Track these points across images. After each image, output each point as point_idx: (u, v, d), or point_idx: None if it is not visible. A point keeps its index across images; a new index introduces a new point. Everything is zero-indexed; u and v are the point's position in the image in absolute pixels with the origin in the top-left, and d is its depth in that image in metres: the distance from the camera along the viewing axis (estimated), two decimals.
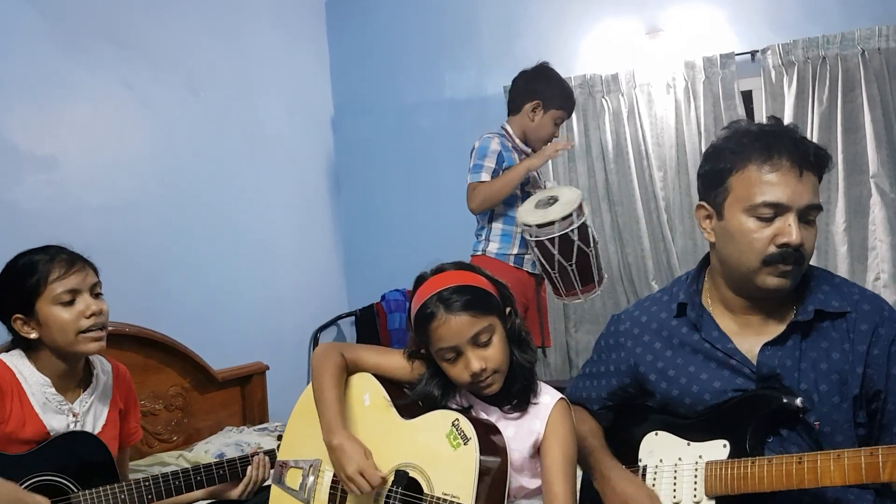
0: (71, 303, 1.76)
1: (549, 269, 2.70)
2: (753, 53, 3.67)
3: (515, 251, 2.81)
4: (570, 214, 2.60)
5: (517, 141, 2.88)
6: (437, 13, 4.28)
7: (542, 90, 2.86)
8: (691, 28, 3.77)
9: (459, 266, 1.57)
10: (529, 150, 2.88)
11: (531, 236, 2.67)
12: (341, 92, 4.52)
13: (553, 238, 2.61)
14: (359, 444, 1.51)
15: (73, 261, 1.79)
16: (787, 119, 3.49)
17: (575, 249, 2.63)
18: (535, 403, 1.53)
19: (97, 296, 1.82)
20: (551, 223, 2.60)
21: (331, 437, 1.52)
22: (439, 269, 1.55)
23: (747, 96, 3.77)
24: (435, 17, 4.29)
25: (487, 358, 1.47)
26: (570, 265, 2.64)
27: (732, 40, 3.73)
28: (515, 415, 1.52)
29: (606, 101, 3.87)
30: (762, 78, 3.66)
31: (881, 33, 3.43)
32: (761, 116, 3.64)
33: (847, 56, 3.49)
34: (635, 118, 3.82)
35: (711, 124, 3.66)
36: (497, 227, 2.84)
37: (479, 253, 2.85)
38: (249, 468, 1.91)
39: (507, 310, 1.54)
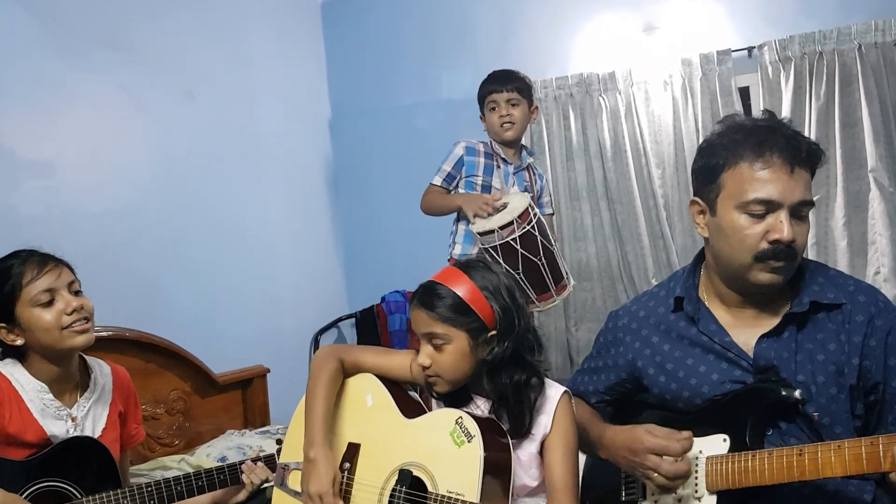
0: (50, 303, 1.74)
1: (515, 272, 2.60)
2: (750, 49, 3.67)
3: (476, 251, 2.76)
4: (511, 223, 2.56)
5: (495, 146, 2.88)
6: (433, 14, 4.29)
7: (478, 100, 2.92)
8: (687, 25, 3.77)
9: (479, 280, 1.51)
10: (502, 153, 2.88)
11: (481, 245, 2.66)
12: (338, 94, 4.53)
13: (495, 246, 2.58)
14: (331, 467, 1.51)
15: (45, 261, 1.78)
16: (785, 114, 3.49)
17: (520, 257, 2.58)
18: (532, 432, 1.51)
19: (76, 293, 1.81)
20: (491, 231, 2.58)
21: (308, 449, 1.53)
22: (464, 265, 1.54)
23: (744, 92, 3.77)
24: (430, 18, 4.30)
25: (435, 360, 1.49)
26: (539, 259, 2.61)
27: (729, 36, 3.73)
28: (514, 440, 1.50)
29: (604, 99, 3.87)
30: (759, 74, 3.66)
31: (877, 28, 3.43)
32: (758, 112, 3.64)
33: (844, 51, 3.49)
34: (633, 116, 3.82)
35: (709, 121, 3.66)
36: (461, 228, 2.84)
37: (449, 257, 2.85)
38: (242, 476, 1.88)
39: (490, 334, 1.49)
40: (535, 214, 2.60)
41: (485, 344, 1.50)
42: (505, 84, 2.84)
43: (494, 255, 2.61)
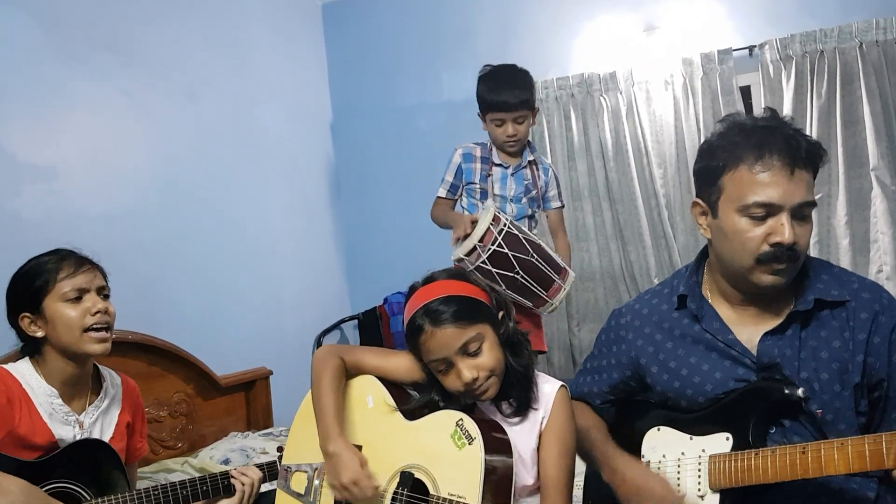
0: (78, 300, 1.79)
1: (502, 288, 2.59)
2: (751, 48, 3.67)
3: None
4: (474, 249, 2.54)
5: (494, 152, 2.85)
6: (434, 15, 4.29)
7: (478, 100, 2.83)
8: (688, 24, 3.77)
9: (450, 274, 1.57)
10: (498, 161, 2.84)
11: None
12: (340, 96, 4.53)
13: (472, 270, 2.54)
14: (354, 453, 1.51)
15: (82, 262, 1.84)
16: (787, 113, 3.48)
17: (496, 276, 2.56)
18: (535, 408, 1.53)
19: (105, 297, 1.85)
20: (461, 259, 2.57)
21: (326, 444, 1.52)
22: (429, 279, 1.55)
23: (746, 91, 3.77)
24: (431, 19, 4.30)
25: (479, 366, 1.47)
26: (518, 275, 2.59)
27: (730, 36, 3.73)
28: (516, 419, 1.52)
29: (605, 99, 3.87)
30: (760, 73, 3.65)
31: (878, 26, 3.42)
32: (760, 111, 3.63)
33: (845, 49, 3.49)
34: (634, 116, 3.82)
35: (710, 120, 3.65)
36: None
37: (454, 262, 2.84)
38: (233, 481, 1.86)
39: (500, 314, 1.54)
40: (500, 231, 2.56)
41: (498, 325, 1.53)
42: (514, 100, 2.74)
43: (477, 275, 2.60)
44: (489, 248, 2.54)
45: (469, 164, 2.85)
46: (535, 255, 2.63)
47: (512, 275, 2.59)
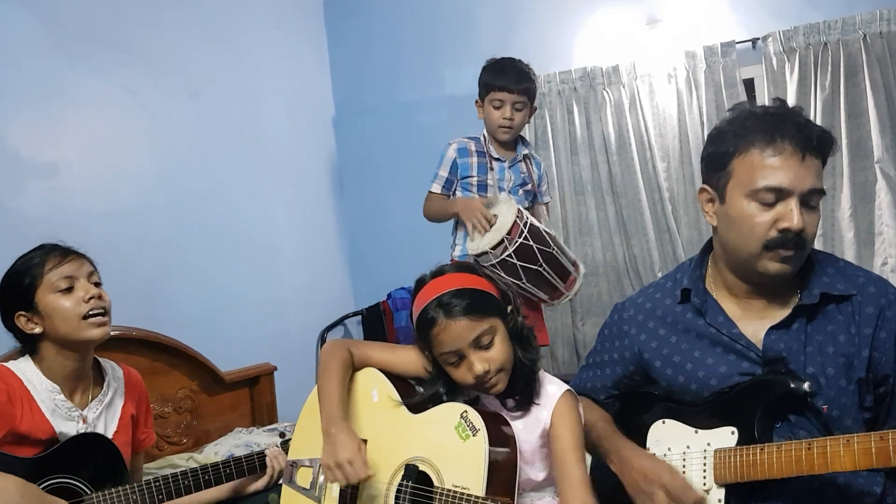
0: (69, 290, 1.79)
1: (518, 283, 2.59)
2: (754, 41, 3.66)
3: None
4: (501, 241, 2.50)
5: (488, 142, 2.83)
6: (435, 10, 4.28)
7: (480, 86, 2.82)
8: (691, 17, 3.75)
9: (459, 268, 1.57)
10: (496, 154, 2.82)
11: (480, 264, 2.60)
12: (342, 92, 4.53)
13: (494, 264, 2.54)
14: (355, 437, 1.51)
15: (67, 252, 1.84)
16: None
17: (520, 269, 2.54)
18: (538, 403, 1.53)
19: (96, 284, 1.85)
20: (485, 252, 2.54)
21: (329, 425, 1.52)
22: (439, 272, 1.55)
23: (749, 84, 3.75)
24: (433, 14, 4.29)
25: (490, 359, 1.47)
26: (541, 268, 2.58)
27: (733, 28, 3.71)
28: (519, 412, 1.52)
29: (608, 93, 3.86)
30: (764, 65, 3.64)
31: (882, 17, 3.40)
32: (769, 101, 3.62)
33: (848, 41, 3.47)
34: (637, 109, 3.81)
35: (714, 113, 3.65)
36: (460, 231, 2.81)
37: (451, 259, 2.80)
38: (268, 460, 1.92)
39: (509, 308, 1.55)
40: (525, 223, 2.54)
41: (508, 319, 1.53)
42: (516, 85, 2.73)
43: (495, 271, 2.58)
44: (516, 241, 2.51)
45: (465, 158, 2.82)
46: (554, 247, 2.62)
47: (536, 268, 2.57)
